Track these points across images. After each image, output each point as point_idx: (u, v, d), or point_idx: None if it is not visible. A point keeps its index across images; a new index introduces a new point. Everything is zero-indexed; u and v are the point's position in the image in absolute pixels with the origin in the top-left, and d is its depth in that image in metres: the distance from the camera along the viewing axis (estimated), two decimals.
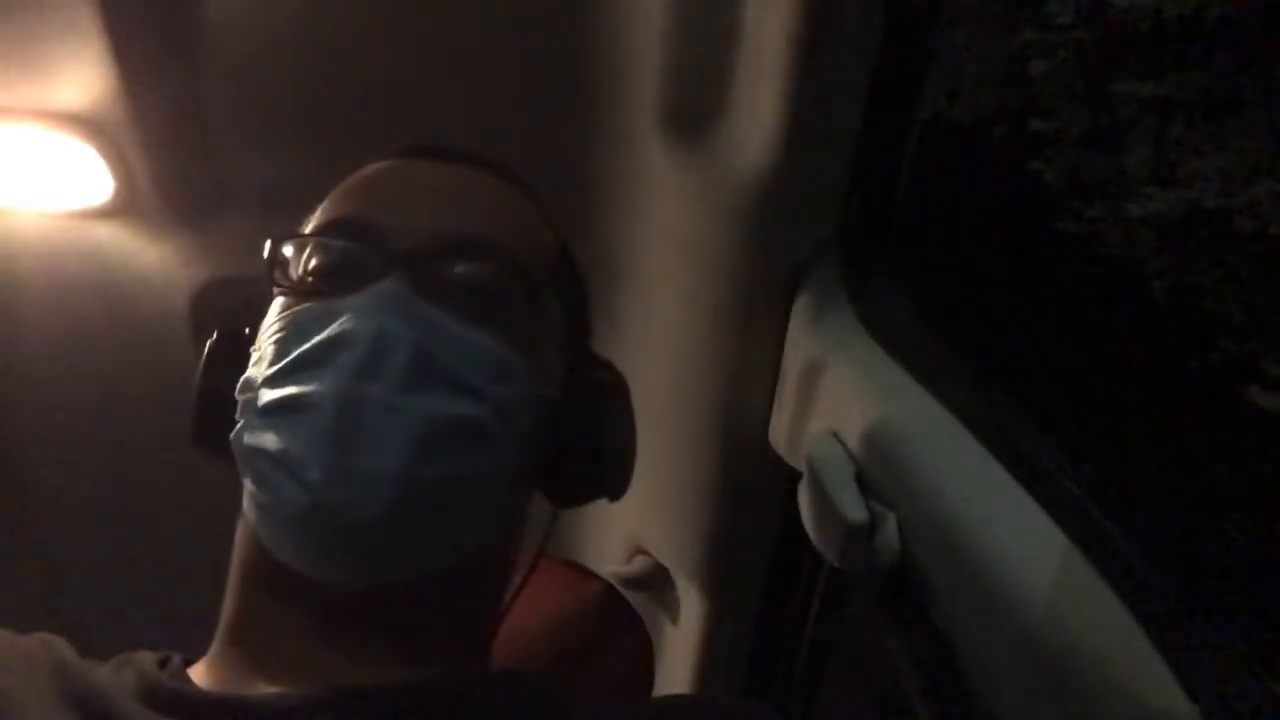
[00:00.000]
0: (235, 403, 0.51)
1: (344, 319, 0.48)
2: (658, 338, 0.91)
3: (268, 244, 0.54)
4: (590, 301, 0.65)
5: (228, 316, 0.57)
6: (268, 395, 0.49)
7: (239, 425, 0.50)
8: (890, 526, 0.56)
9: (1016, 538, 0.48)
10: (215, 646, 0.53)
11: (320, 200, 0.58)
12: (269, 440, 0.47)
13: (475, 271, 0.52)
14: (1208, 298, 3.83)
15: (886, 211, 0.79)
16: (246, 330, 0.55)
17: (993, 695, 0.48)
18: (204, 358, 0.55)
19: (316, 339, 0.48)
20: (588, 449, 0.56)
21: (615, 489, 0.59)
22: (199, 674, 0.52)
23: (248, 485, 0.50)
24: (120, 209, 0.93)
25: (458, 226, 0.53)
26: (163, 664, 0.51)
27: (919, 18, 0.71)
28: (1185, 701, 0.36)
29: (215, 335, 0.56)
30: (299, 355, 0.48)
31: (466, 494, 0.50)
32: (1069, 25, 4.08)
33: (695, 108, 0.77)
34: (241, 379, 0.52)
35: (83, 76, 0.83)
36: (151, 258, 0.97)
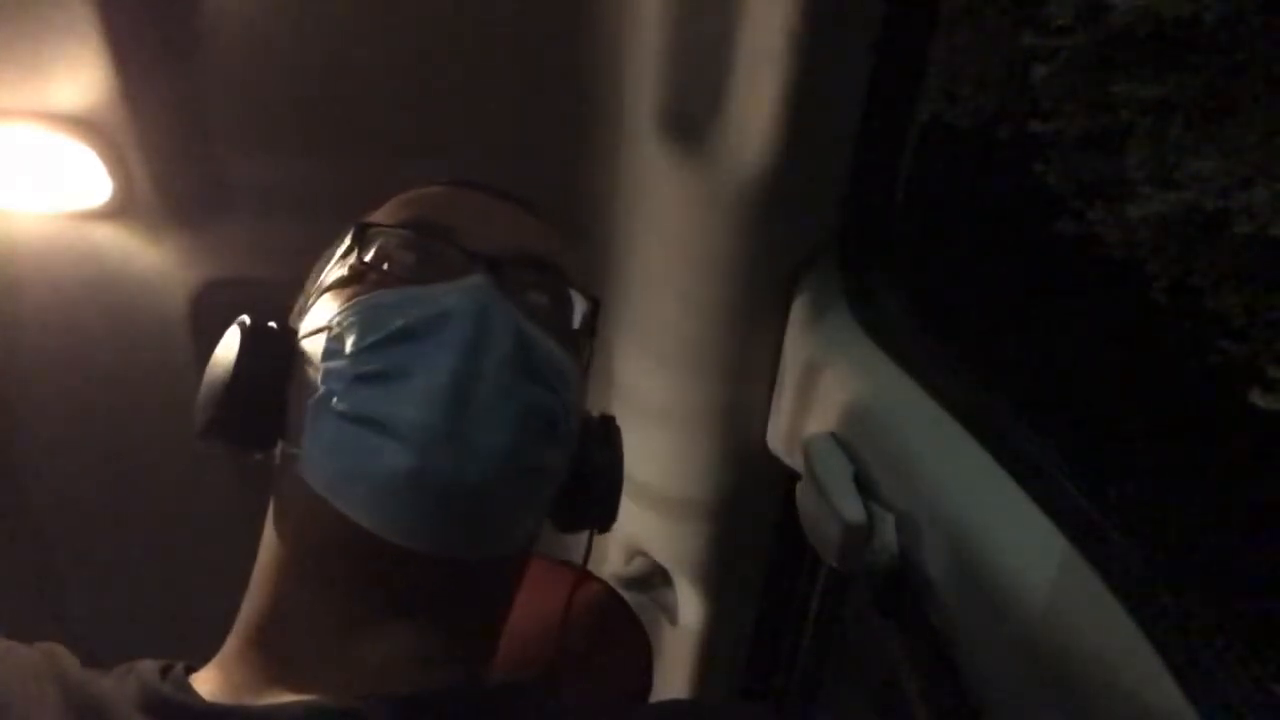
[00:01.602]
0: (269, 390, 0.52)
1: (449, 299, 0.49)
2: (656, 339, 0.91)
3: (352, 230, 0.55)
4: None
5: (229, 317, 0.57)
6: (366, 363, 0.49)
7: (322, 392, 0.49)
8: (889, 527, 0.56)
9: (1015, 538, 0.48)
10: (230, 649, 0.53)
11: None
12: (369, 405, 0.47)
13: (547, 284, 0.55)
14: (1207, 299, 3.83)
15: (885, 213, 0.79)
16: (274, 325, 0.55)
17: (991, 695, 0.48)
18: (240, 346, 0.54)
19: (421, 314, 0.49)
20: (600, 479, 0.58)
21: (605, 523, 0.60)
22: (205, 680, 0.51)
23: (322, 457, 0.49)
24: (118, 210, 0.93)
25: (531, 245, 0.56)
26: (165, 673, 0.51)
27: (917, 19, 0.71)
28: (1184, 702, 0.36)
29: (249, 325, 0.55)
30: (401, 328, 0.49)
31: (541, 484, 0.52)
32: (1069, 28, 4.08)
33: (693, 109, 0.77)
34: (323, 349, 0.51)
35: (81, 78, 0.83)
36: (150, 259, 0.96)
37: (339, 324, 0.51)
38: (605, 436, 0.59)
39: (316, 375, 0.51)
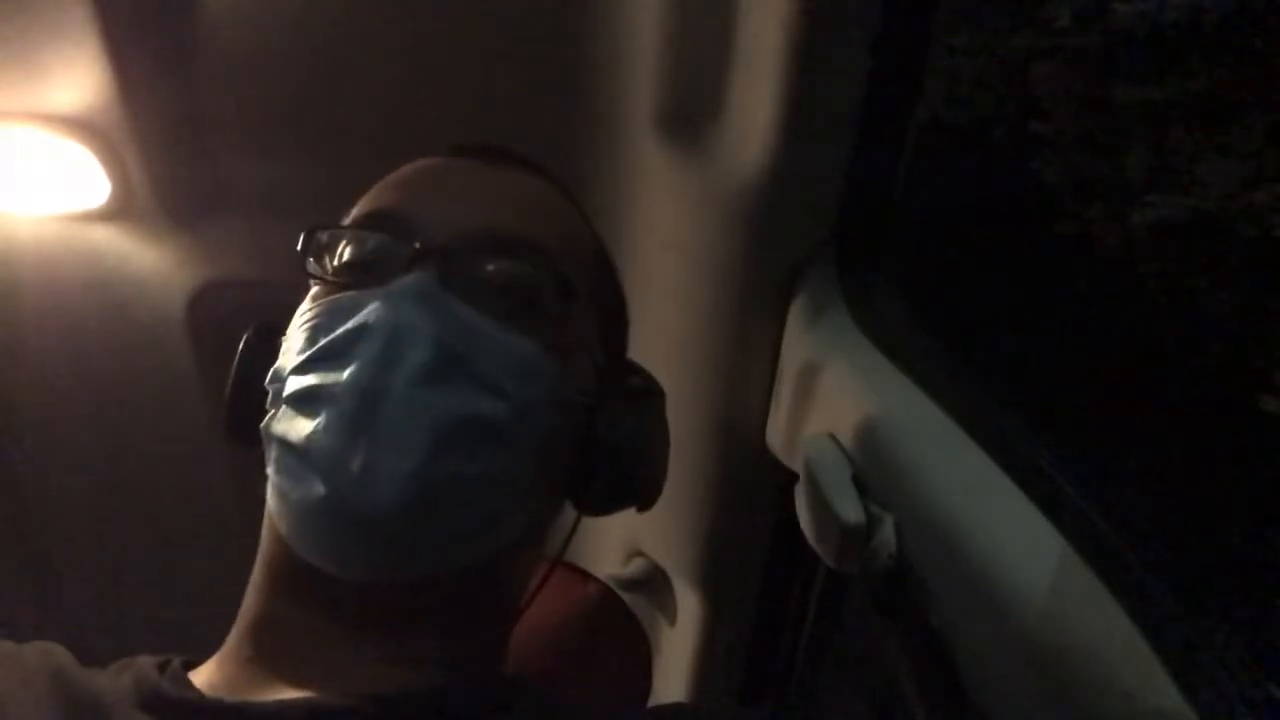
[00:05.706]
0: (256, 398, 0.52)
1: (367, 310, 0.48)
2: (654, 339, 0.91)
3: (304, 234, 0.54)
4: (626, 305, 0.64)
5: (226, 318, 0.57)
6: (293, 385, 0.49)
7: (270, 414, 0.50)
8: (887, 528, 0.56)
9: (1014, 539, 0.48)
10: (229, 645, 0.53)
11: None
12: (293, 430, 0.48)
13: (508, 269, 0.52)
14: (1206, 301, 3.83)
15: (883, 213, 0.78)
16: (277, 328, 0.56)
17: (990, 696, 0.48)
18: (239, 351, 0.55)
19: (340, 330, 0.48)
20: (619, 457, 0.55)
21: (645, 500, 0.58)
22: (204, 675, 0.51)
23: (271, 475, 0.50)
24: (116, 212, 0.93)
25: (494, 223, 0.53)
26: (163, 668, 0.51)
27: (916, 19, 0.71)
28: (1183, 703, 0.36)
29: (251, 329, 0.56)
30: (323, 346, 0.49)
31: (482, 494, 0.49)
32: (1068, 28, 4.09)
33: (692, 109, 0.77)
34: (272, 369, 0.52)
35: (79, 79, 0.83)
36: (147, 260, 0.96)
37: (288, 338, 0.52)
38: (622, 409, 0.56)
39: (269, 393, 0.51)
